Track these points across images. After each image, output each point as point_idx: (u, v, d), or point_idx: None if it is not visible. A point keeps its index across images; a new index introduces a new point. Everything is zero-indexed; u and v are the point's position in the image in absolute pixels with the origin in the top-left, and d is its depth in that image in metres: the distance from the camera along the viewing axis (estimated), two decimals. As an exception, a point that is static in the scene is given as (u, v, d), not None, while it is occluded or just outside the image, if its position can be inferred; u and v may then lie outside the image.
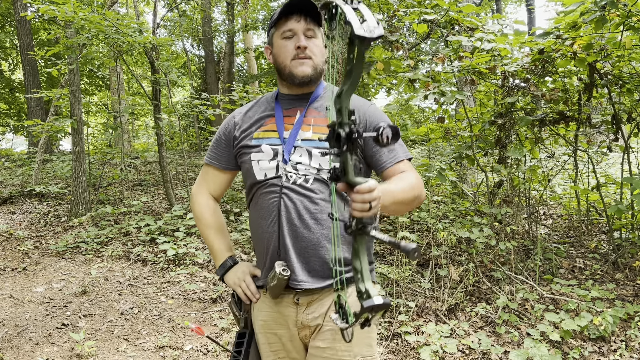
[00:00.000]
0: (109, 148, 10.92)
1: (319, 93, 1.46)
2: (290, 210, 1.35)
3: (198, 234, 5.53)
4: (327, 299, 1.39)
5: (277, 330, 1.43)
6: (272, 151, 1.39)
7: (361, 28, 0.85)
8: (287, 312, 1.41)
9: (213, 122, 8.97)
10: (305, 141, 1.38)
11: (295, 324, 1.40)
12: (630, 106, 3.91)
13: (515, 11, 24.62)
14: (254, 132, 1.45)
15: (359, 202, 1.00)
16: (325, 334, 1.38)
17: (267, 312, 1.44)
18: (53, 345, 3.32)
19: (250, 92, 6.63)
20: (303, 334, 1.41)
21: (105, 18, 5.17)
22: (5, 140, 17.45)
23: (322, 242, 1.35)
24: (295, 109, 1.44)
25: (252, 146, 1.42)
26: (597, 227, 4.74)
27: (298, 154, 1.37)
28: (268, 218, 1.38)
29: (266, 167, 1.39)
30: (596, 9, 2.88)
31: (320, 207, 1.35)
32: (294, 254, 1.35)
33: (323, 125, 1.40)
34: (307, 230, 1.35)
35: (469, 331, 3.07)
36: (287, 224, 1.35)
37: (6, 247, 5.69)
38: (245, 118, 1.50)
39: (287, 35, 1.36)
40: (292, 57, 1.36)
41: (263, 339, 1.45)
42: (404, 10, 3.98)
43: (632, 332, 2.93)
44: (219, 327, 3.49)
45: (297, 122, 1.41)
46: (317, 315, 1.38)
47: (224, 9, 15.59)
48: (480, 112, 4.68)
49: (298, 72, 1.36)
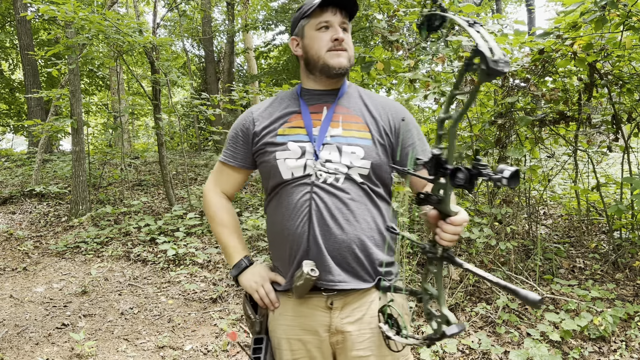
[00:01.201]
0: (109, 148, 10.92)
1: (345, 89, 1.41)
2: (321, 210, 1.29)
3: (198, 234, 5.53)
4: (363, 303, 1.32)
5: (303, 336, 1.34)
6: (299, 149, 1.32)
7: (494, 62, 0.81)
8: (319, 317, 1.32)
9: (213, 122, 8.97)
10: (334, 137, 1.32)
11: (328, 329, 1.32)
12: (630, 106, 3.91)
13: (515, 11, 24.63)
14: (277, 129, 1.37)
15: (450, 233, 1.02)
16: (365, 343, 1.31)
17: (293, 317, 1.35)
18: (53, 345, 3.32)
19: (250, 92, 6.63)
20: (335, 340, 1.33)
21: (105, 18, 5.17)
22: (5, 140, 17.45)
23: (356, 243, 1.29)
24: (321, 104, 1.38)
25: (277, 144, 1.35)
26: (597, 227, 4.74)
27: (327, 151, 1.31)
28: (296, 219, 1.30)
29: (293, 166, 1.32)
30: (596, 9, 2.88)
31: (351, 207, 1.30)
32: (327, 255, 1.28)
33: (353, 122, 1.35)
34: (340, 230, 1.28)
35: (469, 331, 3.07)
36: (319, 224, 1.29)
37: (6, 247, 5.69)
38: (265, 114, 1.42)
39: (323, 26, 1.33)
40: (327, 49, 1.32)
41: (286, 345, 1.35)
42: (404, 10, 3.98)
43: (632, 332, 2.93)
44: (218, 327, 3.49)
45: (325, 118, 1.36)
46: (352, 320, 1.31)
47: (224, 9, 15.59)
48: (480, 112, 4.68)
49: (334, 63, 1.32)
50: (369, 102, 1.41)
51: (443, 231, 1.03)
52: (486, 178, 0.86)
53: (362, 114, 1.37)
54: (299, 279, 1.26)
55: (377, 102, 1.42)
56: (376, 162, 1.33)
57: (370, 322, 1.31)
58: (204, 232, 5.57)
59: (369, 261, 1.32)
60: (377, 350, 1.31)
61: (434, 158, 0.95)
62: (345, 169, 1.30)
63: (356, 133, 1.33)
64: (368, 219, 1.32)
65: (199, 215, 6.01)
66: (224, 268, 4.61)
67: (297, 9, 1.39)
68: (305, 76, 1.42)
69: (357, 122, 1.36)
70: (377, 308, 1.30)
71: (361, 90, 1.45)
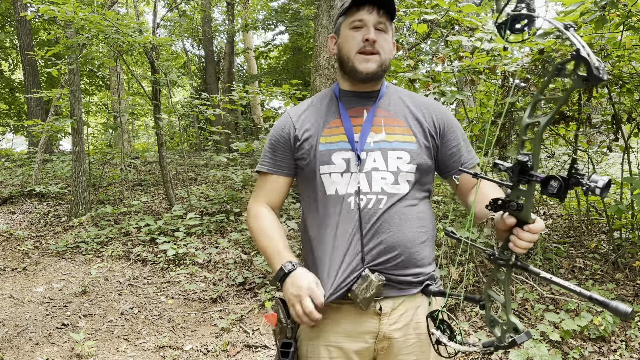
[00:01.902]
0: (109, 148, 10.93)
1: (384, 91, 1.36)
2: (369, 230, 1.24)
3: (198, 234, 5.53)
4: (409, 308, 1.29)
5: (345, 343, 1.28)
6: (343, 162, 1.27)
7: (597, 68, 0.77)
8: (367, 323, 1.27)
9: (213, 122, 8.97)
10: (378, 143, 1.28)
11: (376, 335, 1.27)
12: (630, 106, 3.91)
13: (515, 11, 24.60)
14: (319, 135, 1.31)
15: (527, 241, 0.98)
16: (410, 348, 1.28)
17: (336, 324, 1.29)
18: (53, 345, 3.32)
19: (250, 92, 6.63)
20: (380, 347, 1.28)
21: (105, 18, 5.17)
22: (5, 140, 17.45)
23: (404, 251, 1.26)
24: (361, 107, 1.33)
25: (321, 154, 1.29)
26: (597, 227, 4.74)
27: (372, 159, 1.26)
28: (342, 237, 1.25)
29: (338, 181, 1.27)
30: (596, 9, 2.88)
31: (396, 219, 1.26)
32: (377, 260, 1.25)
33: (396, 126, 1.31)
34: (389, 238, 1.25)
35: (469, 331, 3.07)
36: (365, 239, 1.25)
37: (6, 247, 5.69)
38: (304, 118, 1.36)
39: (356, 25, 1.27)
40: (357, 50, 1.27)
41: (325, 353, 1.28)
42: (404, 10, 3.98)
43: (632, 332, 2.93)
44: (219, 327, 3.49)
45: (366, 122, 1.30)
46: (400, 326, 1.27)
47: (224, 9, 15.59)
48: (480, 112, 4.68)
49: (362, 68, 1.27)
50: (410, 103, 1.36)
51: (519, 238, 0.99)
52: (584, 188, 0.84)
53: (404, 116, 1.33)
54: (367, 289, 1.21)
55: (419, 103, 1.37)
56: (422, 166, 1.30)
57: (417, 328, 1.29)
58: (204, 232, 5.57)
59: (416, 267, 1.30)
60: (421, 355, 1.29)
61: (518, 164, 0.92)
62: (392, 178, 1.26)
63: (400, 137, 1.29)
64: (414, 227, 1.28)
65: (199, 215, 6.01)
66: (224, 268, 4.61)
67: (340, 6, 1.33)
68: (341, 76, 1.37)
69: (400, 125, 1.31)
70: (424, 313, 1.28)
71: (400, 90, 1.41)
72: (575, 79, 0.80)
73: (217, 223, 5.77)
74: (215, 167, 9.60)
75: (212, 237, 5.46)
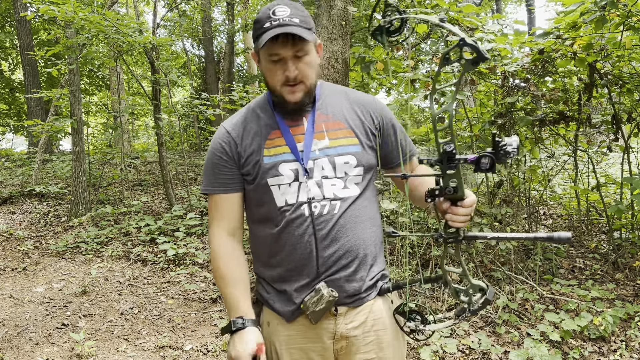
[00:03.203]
0: (109, 148, 10.93)
1: (319, 93, 1.35)
2: (322, 237, 1.26)
3: (198, 234, 5.53)
4: (365, 307, 1.32)
5: (305, 344, 1.31)
6: (291, 173, 1.26)
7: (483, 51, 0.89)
8: (323, 325, 1.29)
9: (213, 122, 8.97)
10: (323, 150, 1.28)
11: (333, 336, 1.30)
12: (630, 106, 3.91)
13: (515, 11, 24.64)
14: (262, 149, 1.29)
15: (462, 215, 1.09)
16: (369, 345, 1.31)
17: (292, 327, 1.31)
18: (53, 345, 3.32)
19: (250, 92, 6.63)
20: (339, 346, 1.31)
21: (105, 18, 5.18)
22: (5, 140, 17.45)
23: (358, 256, 1.29)
24: (299, 116, 1.31)
25: (267, 167, 1.27)
26: (597, 227, 4.74)
27: (320, 167, 1.27)
28: (297, 247, 1.27)
29: (286, 192, 1.26)
30: (596, 9, 2.88)
31: (349, 224, 1.28)
32: (333, 268, 1.28)
33: (338, 130, 1.31)
34: (342, 246, 1.27)
35: (469, 331, 3.07)
36: (321, 246, 1.26)
37: (6, 247, 5.69)
38: (243, 132, 1.32)
39: (274, 60, 1.23)
40: (282, 83, 1.24)
41: (287, 356, 1.31)
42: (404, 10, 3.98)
43: (632, 332, 2.93)
44: (219, 327, 3.49)
45: (307, 131, 1.29)
46: (356, 325, 1.30)
47: (224, 9, 15.59)
48: (480, 112, 4.68)
49: (290, 99, 1.25)
50: (347, 101, 1.36)
51: (455, 214, 1.09)
52: (511, 156, 0.97)
53: (344, 117, 1.33)
54: (318, 303, 1.23)
55: (356, 100, 1.37)
56: (369, 167, 1.32)
57: (374, 325, 1.32)
58: (203, 232, 5.57)
59: (372, 268, 1.34)
60: (380, 352, 1.32)
61: (445, 154, 1.01)
62: (342, 184, 1.28)
63: (344, 141, 1.30)
64: (368, 228, 1.32)
65: (199, 215, 6.01)
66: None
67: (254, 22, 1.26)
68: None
69: (341, 128, 1.31)
70: (382, 309, 1.33)
71: (334, 88, 1.40)
72: (465, 64, 0.91)
73: (217, 223, 5.76)
74: (215, 167, 9.57)
75: (212, 237, 5.46)
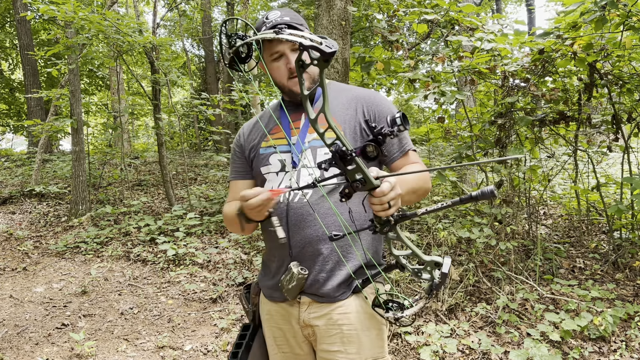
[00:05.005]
0: (109, 148, 10.92)
1: (319, 93, 1.45)
2: (296, 223, 1.36)
3: (198, 234, 5.53)
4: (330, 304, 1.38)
5: (282, 325, 1.45)
6: (279, 163, 1.41)
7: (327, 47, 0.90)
8: (291, 309, 1.42)
9: (213, 122, 8.97)
10: (311, 142, 1.39)
11: (298, 321, 1.41)
12: (630, 106, 3.91)
13: (515, 11, 24.62)
14: (262, 141, 1.47)
15: (378, 204, 1.08)
16: (333, 338, 1.37)
17: (272, 306, 1.46)
18: (53, 345, 3.32)
19: (250, 92, 6.64)
20: (306, 332, 1.42)
21: (105, 18, 5.17)
22: (5, 140, 17.45)
23: (325, 246, 1.35)
24: (299, 113, 1.45)
25: (262, 157, 1.45)
26: (597, 227, 4.74)
27: (304, 158, 1.38)
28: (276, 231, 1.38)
29: (273, 180, 1.42)
30: (596, 9, 2.88)
31: (322, 209, 1.35)
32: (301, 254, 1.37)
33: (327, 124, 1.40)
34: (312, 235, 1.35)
35: (469, 331, 3.07)
36: (292, 231, 1.37)
37: (6, 247, 5.69)
38: (253, 129, 1.54)
39: (276, 57, 1.37)
40: (287, 77, 1.38)
41: (269, 333, 1.48)
42: (404, 10, 3.98)
43: (632, 332, 2.93)
44: (219, 327, 3.49)
45: (303, 125, 1.42)
46: (318, 315, 1.38)
47: (224, 9, 15.60)
48: (480, 112, 4.68)
49: (297, 90, 1.38)
50: (345, 98, 1.45)
51: (373, 204, 1.09)
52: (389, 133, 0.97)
53: (337, 112, 1.42)
54: (290, 280, 1.33)
55: (352, 97, 1.45)
56: None
57: (339, 319, 1.36)
58: (203, 232, 5.57)
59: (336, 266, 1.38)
60: (342, 347, 1.36)
61: (336, 153, 1.01)
62: (319, 173, 1.35)
63: (330, 134, 1.34)
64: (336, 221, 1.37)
65: (199, 215, 6.01)
66: (224, 268, 4.61)
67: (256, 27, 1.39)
68: (280, 90, 1.47)
69: None
70: (350, 305, 1.36)
71: (334, 87, 1.50)
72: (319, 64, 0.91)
73: (217, 223, 5.77)
74: (215, 167, 9.61)
75: (212, 237, 5.46)
